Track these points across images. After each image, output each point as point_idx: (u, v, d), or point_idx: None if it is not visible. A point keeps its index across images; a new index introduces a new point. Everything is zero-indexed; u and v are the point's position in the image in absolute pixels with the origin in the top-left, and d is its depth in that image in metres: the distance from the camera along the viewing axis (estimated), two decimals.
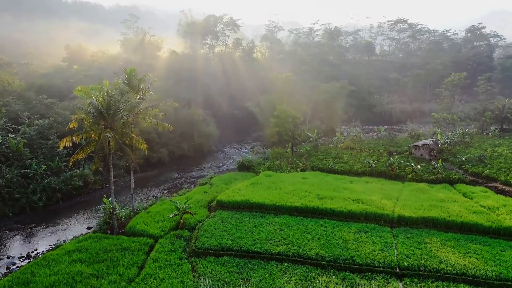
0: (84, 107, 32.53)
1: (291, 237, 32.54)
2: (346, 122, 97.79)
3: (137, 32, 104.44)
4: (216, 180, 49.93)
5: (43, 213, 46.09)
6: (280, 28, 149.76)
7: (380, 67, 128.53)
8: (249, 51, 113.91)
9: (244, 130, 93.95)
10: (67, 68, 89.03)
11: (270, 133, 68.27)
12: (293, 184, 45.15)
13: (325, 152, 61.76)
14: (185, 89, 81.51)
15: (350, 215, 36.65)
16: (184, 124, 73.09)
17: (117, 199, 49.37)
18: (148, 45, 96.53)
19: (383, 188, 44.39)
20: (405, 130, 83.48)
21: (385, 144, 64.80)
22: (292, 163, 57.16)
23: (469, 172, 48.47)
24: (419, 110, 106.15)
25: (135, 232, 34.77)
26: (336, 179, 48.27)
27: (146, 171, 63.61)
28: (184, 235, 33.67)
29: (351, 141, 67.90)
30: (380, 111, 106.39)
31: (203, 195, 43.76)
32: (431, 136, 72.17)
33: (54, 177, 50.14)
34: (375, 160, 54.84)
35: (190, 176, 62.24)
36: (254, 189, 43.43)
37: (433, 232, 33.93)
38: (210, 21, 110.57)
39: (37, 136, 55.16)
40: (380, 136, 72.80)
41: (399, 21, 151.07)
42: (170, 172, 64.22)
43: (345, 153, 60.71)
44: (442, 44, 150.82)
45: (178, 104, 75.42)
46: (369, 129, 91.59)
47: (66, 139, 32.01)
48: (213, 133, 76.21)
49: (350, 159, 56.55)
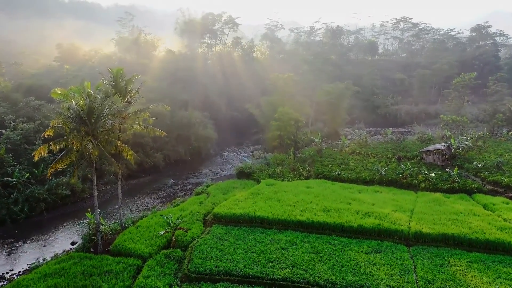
0: (62, 112, 28.82)
1: (296, 258, 28.87)
2: (350, 124, 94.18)
3: (132, 31, 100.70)
4: (213, 189, 46.23)
5: (25, 225, 42.39)
6: (281, 27, 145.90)
7: (384, 67, 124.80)
8: (248, 51, 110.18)
9: (244, 133, 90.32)
10: (58, 68, 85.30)
11: (271, 137, 64.60)
12: (297, 194, 41.47)
13: (329, 157, 58.06)
14: (182, 90, 77.81)
15: (361, 231, 32.97)
16: (181, 127, 69.45)
17: (106, 210, 45.79)
18: (144, 44, 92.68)
19: (395, 199, 40.70)
20: (412, 133, 79.84)
21: (393, 149, 61.10)
22: (294, 169, 53.46)
23: (487, 181, 44.80)
24: (425, 112, 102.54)
25: (122, 251, 31.08)
26: (343, 188, 44.57)
27: (139, 177, 59.97)
28: (176, 255, 29.98)
29: (356, 145, 64.23)
30: (385, 113, 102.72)
31: (199, 206, 40.06)
32: (441, 139, 68.57)
33: (38, 186, 46.39)
34: (384, 167, 51.19)
35: (186, 183, 58.56)
36: (254, 200, 39.74)
37: (455, 251, 30.28)
38: (208, 19, 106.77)
39: (21, 141, 51.47)
40: (387, 140, 69.10)
41: (402, 19, 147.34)
42: (165, 178, 60.52)
43: (351, 159, 57.03)
44: (446, 44, 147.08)
45: (174, 105, 72.12)
46: (374, 131, 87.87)
47: (42, 148, 28.33)
48: (211, 136, 72.50)
49: (357, 166, 52.85)
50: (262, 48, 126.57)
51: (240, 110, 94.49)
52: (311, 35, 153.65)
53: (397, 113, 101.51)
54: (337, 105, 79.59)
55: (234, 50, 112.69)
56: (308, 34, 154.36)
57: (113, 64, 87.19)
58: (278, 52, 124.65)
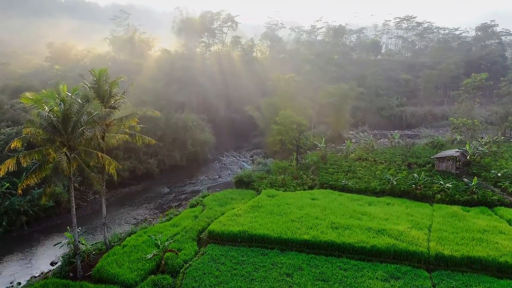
0: (34, 120, 25.11)
1: (303, 287, 25.15)
2: (353, 126, 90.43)
3: (128, 30, 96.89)
4: (210, 200, 42.48)
5: (3, 241, 38.63)
6: (281, 26, 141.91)
7: (388, 67, 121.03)
8: (248, 50, 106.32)
9: (243, 135, 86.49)
10: (49, 68, 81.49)
11: (272, 142, 60.86)
12: (301, 207, 37.74)
13: (334, 164, 54.31)
14: (178, 91, 73.99)
15: (375, 252, 29.22)
16: (176, 131, 65.71)
17: (92, 224, 42.16)
18: (138, 43, 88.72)
19: (409, 213, 36.95)
20: (421, 137, 76.03)
21: (402, 154, 57.36)
22: (297, 177, 49.72)
23: (509, 192, 41.04)
24: (431, 113, 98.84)
25: (104, 277, 27.35)
26: (352, 199, 40.81)
27: (131, 185, 56.22)
28: (165, 283, 26.25)
29: (363, 150, 60.49)
30: (390, 115, 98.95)
31: (193, 221, 36.31)
32: (451, 144, 64.89)
33: (19, 197, 42.59)
34: (393, 175, 47.51)
35: (182, 192, 54.80)
36: (254, 214, 36.00)
37: (483, 278, 26.56)
38: (206, 18, 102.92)
39: (2, 147, 47.64)
40: (394, 144, 65.30)
41: (406, 18, 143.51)
42: (158, 187, 56.77)
43: (358, 166, 53.27)
44: (451, 43, 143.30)
45: (170, 108, 68.37)
46: (380, 134, 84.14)
47: (8, 162, 24.56)
48: (209, 140, 68.73)
49: (365, 174, 49.09)
50: (262, 48, 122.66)
51: (239, 111, 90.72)
52: (312, 35, 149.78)
53: (403, 115, 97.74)
54: (341, 107, 75.84)
55: (233, 49, 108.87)
56: (309, 33, 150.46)
57: (106, 64, 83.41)
58: (278, 52, 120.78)
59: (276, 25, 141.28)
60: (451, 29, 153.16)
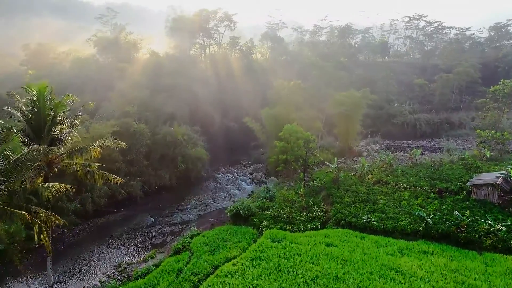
0: None
1: None
2: (363, 135, 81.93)
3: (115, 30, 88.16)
4: (199, 243, 33.96)
5: None
6: (283, 26, 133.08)
7: (398, 70, 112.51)
8: (247, 52, 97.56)
9: (242, 146, 78.01)
10: (25, 72, 72.88)
11: (274, 162, 52.33)
12: (315, 259, 29.26)
13: (349, 189, 45.81)
14: (167, 100, 65.34)
15: None
16: (165, 147, 57.24)
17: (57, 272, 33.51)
18: (124, 44, 79.91)
19: (456, 269, 28.41)
20: (443, 150, 67.61)
21: (428, 176, 48.84)
22: (306, 207, 41.30)
23: None
24: (448, 121, 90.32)
25: None
26: (378, 245, 32.25)
27: (109, 213, 47.70)
28: None
29: (380, 170, 51.97)
30: (402, 122, 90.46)
31: (175, 280, 27.80)
32: (480, 160, 56.52)
33: None
34: (422, 205, 39.23)
35: (168, 222, 46.24)
36: (254, 272, 27.49)
37: None
38: (201, 16, 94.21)
39: None
40: (415, 161, 56.79)
41: (416, 17, 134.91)
42: (142, 215, 48.20)
43: (378, 192, 44.78)
44: (463, 44, 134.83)
45: (158, 119, 59.82)
46: (395, 147, 75.70)
47: None
48: (202, 156, 60.13)
49: (389, 204, 40.56)
50: (262, 49, 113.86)
51: (237, 119, 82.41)
52: (315, 35, 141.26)
53: (416, 123, 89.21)
54: (351, 117, 67.30)
55: (231, 51, 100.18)
56: (312, 33, 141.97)
57: (89, 68, 74.94)
58: (280, 53, 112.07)
59: (277, 25, 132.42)
60: (461, 28, 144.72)
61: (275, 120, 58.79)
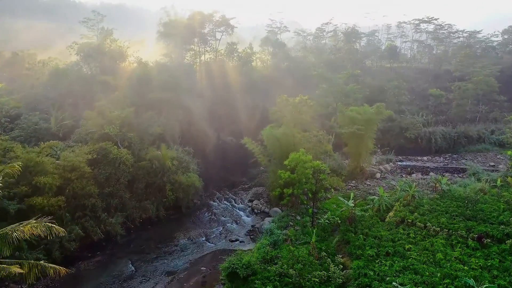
0: None
1: None
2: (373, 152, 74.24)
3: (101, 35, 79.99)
4: None
5: None
6: (285, 29, 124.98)
7: (409, 77, 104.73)
8: (246, 59, 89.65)
9: (239, 164, 70.09)
10: None
11: (278, 195, 44.65)
12: None
13: (369, 232, 38.16)
14: (155, 118, 57.51)
15: None
16: (150, 174, 49.49)
17: None
18: (109, 52, 71.48)
19: None
20: (466, 171, 60.08)
21: (460, 213, 41.16)
22: (319, 258, 33.70)
23: None
24: (466, 135, 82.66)
25: None
26: None
27: (83, 259, 40.01)
28: None
29: (403, 205, 44.26)
30: (416, 137, 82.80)
31: None
32: None
33: None
34: (458, 256, 31.79)
35: (151, 272, 38.54)
36: None
37: None
38: (196, 20, 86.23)
39: None
40: (439, 191, 49.08)
41: (426, 20, 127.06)
42: (120, 261, 40.57)
43: (404, 236, 37.14)
44: (476, 48, 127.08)
45: (144, 142, 52.27)
46: (410, 166, 68.06)
47: None
48: (195, 183, 52.42)
49: (421, 259, 32.84)
50: (263, 55, 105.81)
51: (234, 133, 75.01)
52: (319, 39, 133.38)
53: (431, 137, 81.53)
54: (363, 135, 59.65)
55: (228, 58, 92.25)
56: (316, 37, 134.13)
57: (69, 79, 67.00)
58: (282, 60, 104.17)
59: (278, 28, 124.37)
60: (472, 31, 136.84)
61: (278, 142, 51.13)
